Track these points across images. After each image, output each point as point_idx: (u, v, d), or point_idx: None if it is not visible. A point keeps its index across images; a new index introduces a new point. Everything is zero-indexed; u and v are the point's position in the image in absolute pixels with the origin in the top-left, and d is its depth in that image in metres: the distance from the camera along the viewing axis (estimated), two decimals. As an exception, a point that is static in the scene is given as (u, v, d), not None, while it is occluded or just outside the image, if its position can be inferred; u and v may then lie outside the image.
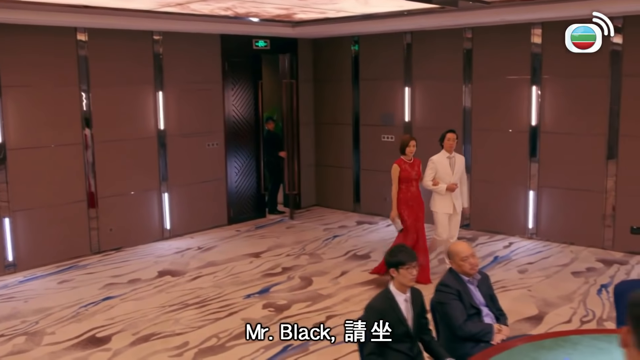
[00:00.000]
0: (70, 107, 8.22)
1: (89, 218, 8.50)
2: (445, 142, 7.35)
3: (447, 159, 7.33)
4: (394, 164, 7.31)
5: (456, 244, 4.51)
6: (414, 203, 7.28)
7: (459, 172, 7.38)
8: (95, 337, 5.96)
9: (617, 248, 8.40)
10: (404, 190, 7.27)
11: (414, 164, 7.33)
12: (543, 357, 3.63)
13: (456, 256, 4.35)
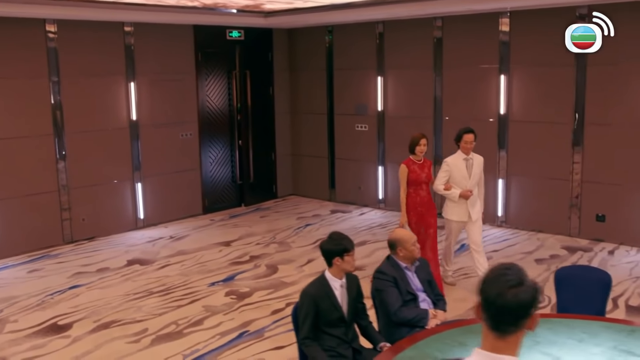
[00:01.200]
0: (40, 98, 8.28)
1: (60, 208, 8.58)
2: (462, 145, 6.47)
3: (463, 161, 6.48)
4: (402, 165, 6.52)
5: (402, 232, 4.60)
6: (423, 209, 6.50)
7: (476, 175, 6.56)
8: (57, 324, 6.06)
9: (583, 235, 8.51)
10: (413, 194, 6.49)
11: (423, 164, 6.53)
12: (470, 341, 3.71)
13: (407, 242, 4.45)
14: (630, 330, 3.87)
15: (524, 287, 1.88)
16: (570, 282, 4.81)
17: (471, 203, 6.52)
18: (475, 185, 6.57)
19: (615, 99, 8.06)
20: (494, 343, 1.91)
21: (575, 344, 3.68)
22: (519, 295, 1.86)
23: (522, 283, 1.88)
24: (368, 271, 7.39)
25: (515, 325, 1.88)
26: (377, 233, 9.02)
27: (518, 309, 1.87)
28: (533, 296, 1.88)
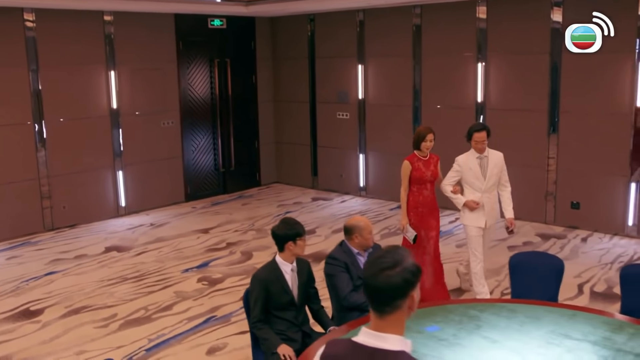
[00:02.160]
0: (19, 87, 8.35)
1: (41, 196, 8.67)
2: (472, 144, 5.80)
3: (476, 160, 5.81)
4: (405, 161, 5.88)
5: (360, 219, 4.65)
6: (425, 209, 5.93)
7: (493, 176, 5.83)
8: (29, 310, 6.16)
9: (558, 223, 8.58)
10: (415, 192, 5.91)
11: (429, 161, 5.90)
12: (412, 325, 3.79)
13: (364, 230, 4.51)
14: (572, 314, 3.95)
15: (397, 269, 1.95)
16: (523, 268, 4.89)
17: (487, 208, 5.84)
18: (494, 187, 5.88)
19: (589, 87, 8.10)
20: (376, 322, 1.99)
21: (517, 328, 3.76)
22: (390, 278, 1.94)
23: (396, 266, 1.96)
24: (341, 258, 7.48)
25: (391, 305, 1.96)
26: (356, 220, 9.07)
27: (390, 290, 1.95)
28: (405, 278, 1.95)
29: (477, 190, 5.84)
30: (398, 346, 1.97)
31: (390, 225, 8.78)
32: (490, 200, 5.88)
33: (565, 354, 3.43)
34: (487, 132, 5.79)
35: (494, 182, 5.87)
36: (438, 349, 3.49)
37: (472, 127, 5.88)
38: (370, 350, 1.97)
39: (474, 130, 5.80)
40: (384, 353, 1.96)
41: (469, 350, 3.47)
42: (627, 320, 3.89)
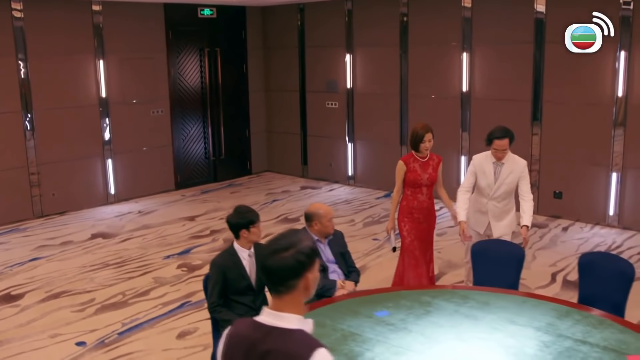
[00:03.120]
0: (7, 76, 8.45)
1: (30, 183, 8.80)
2: (491, 151, 5.24)
3: (491, 165, 5.29)
4: (400, 161, 5.43)
5: (320, 206, 4.73)
6: (420, 215, 5.41)
7: (506, 185, 5.29)
8: (10, 294, 6.30)
9: (541, 212, 8.62)
10: (409, 196, 5.40)
11: (427, 163, 5.36)
12: (364, 310, 3.90)
13: (324, 217, 4.58)
14: (522, 301, 4.03)
15: (289, 252, 2.04)
16: (485, 256, 4.97)
17: (495, 216, 5.39)
18: (505, 196, 5.36)
19: (572, 77, 8.12)
20: (274, 302, 2.09)
21: (465, 313, 3.84)
22: (283, 259, 2.03)
23: (290, 248, 2.05)
24: (321, 245, 7.57)
25: (285, 286, 2.05)
26: (340, 209, 9.17)
27: (282, 271, 2.04)
28: (298, 260, 2.04)
29: (485, 197, 5.36)
30: (295, 325, 2.05)
31: (374, 213, 8.86)
32: (498, 209, 5.36)
33: (507, 338, 3.51)
34: (510, 139, 5.17)
35: (504, 190, 5.30)
36: (384, 334, 3.58)
37: (492, 132, 5.19)
38: (267, 329, 2.06)
39: (494, 137, 5.14)
40: (280, 331, 2.05)
41: (414, 335, 3.56)
42: (576, 307, 3.96)
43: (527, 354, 3.33)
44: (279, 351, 2.02)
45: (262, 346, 2.05)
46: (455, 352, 3.38)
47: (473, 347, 3.43)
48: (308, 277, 2.07)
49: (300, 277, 2.06)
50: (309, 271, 2.08)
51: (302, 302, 2.11)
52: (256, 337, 2.08)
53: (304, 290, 2.08)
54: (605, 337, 3.49)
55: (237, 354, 2.11)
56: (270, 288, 2.08)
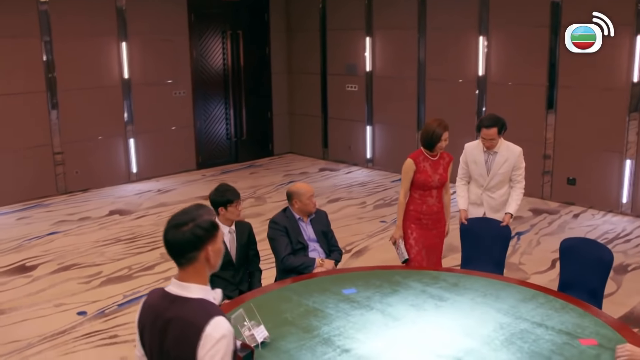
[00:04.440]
0: (33, 57, 8.77)
1: (54, 160, 9.14)
2: (480, 139, 5.12)
3: (482, 154, 5.12)
4: (408, 159, 4.85)
5: (301, 185, 4.83)
6: (429, 220, 4.92)
7: (499, 174, 5.08)
8: (24, 265, 6.63)
9: (554, 198, 8.56)
10: (417, 199, 4.89)
11: (438, 162, 4.86)
12: (333, 287, 4.01)
13: (303, 195, 4.69)
14: (491, 283, 4.07)
15: (188, 226, 2.17)
16: (473, 235, 5.02)
17: (491, 207, 5.20)
18: (501, 185, 5.14)
19: (587, 61, 7.99)
20: (179, 273, 2.24)
21: (433, 293, 3.91)
22: (179, 234, 2.17)
23: (188, 223, 2.18)
24: (328, 226, 7.69)
25: (185, 258, 2.20)
26: (354, 191, 9.27)
27: (180, 244, 2.18)
28: (195, 234, 2.17)
29: (479, 187, 5.20)
30: (197, 294, 2.20)
31: (387, 196, 8.93)
32: (494, 200, 5.17)
33: (465, 318, 3.57)
34: (500, 129, 4.99)
35: (499, 180, 5.10)
36: (345, 310, 3.69)
37: (481, 120, 5.11)
38: (172, 298, 2.22)
39: (482, 126, 5.00)
40: (182, 300, 2.20)
41: (374, 312, 3.65)
42: (543, 291, 4.00)
43: (480, 333, 3.40)
44: (179, 318, 2.16)
45: (166, 314, 2.20)
46: (409, 329, 3.46)
47: (429, 325, 3.51)
48: (208, 249, 2.20)
49: (199, 250, 2.19)
50: (209, 244, 2.21)
51: (206, 273, 2.24)
52: (162, 305, 2.23)
53: (205, 262, 2.21)
54: (563, 320, 3.53)
55: (147, 321, 2.27)
56: (174, 260, 2.22)
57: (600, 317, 3.58)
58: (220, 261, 2.31)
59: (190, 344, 2.13)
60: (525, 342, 3.30)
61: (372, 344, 3.30)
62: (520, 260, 6.58)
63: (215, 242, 2.23)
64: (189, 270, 2.21)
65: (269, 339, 3.33)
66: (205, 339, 2.11)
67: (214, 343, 2.11)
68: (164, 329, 2.21)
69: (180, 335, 2.17)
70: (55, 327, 5.24)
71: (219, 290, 2.30)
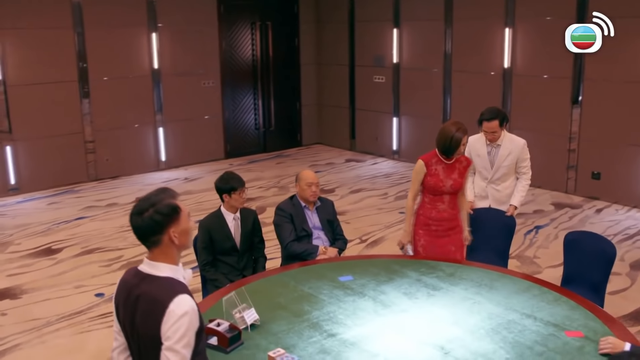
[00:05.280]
0: (65, 47, 9.05)
1: (85, 148, 9.42)
2: (483, 134, 5.08)
3: (485, 147, 5.10)
4: (419, 160, 4.55)
5: (307, 171, 4.93)
6: (439, 227, 4.57)
7: (503, 167, 5.08)
8: (50, 248, 6.89)
9: (579, 193, 8.46)
10: (427, 205, 4.59)
11: (453, 166, 4.49)
12: (331, 274, 4.10)
13: (302, 180, 4.80)
14: (487, 274, 4.10)
15: (148, 212, 2.30)
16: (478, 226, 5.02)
17: (496, 199, 5.17)
18: (505, 178, 5.13)
19: (614, 54, 7.86)
20: (149, 254, 2.38)
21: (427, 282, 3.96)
22: (140, 220, 2.31)
23: (148, 209, 2.31)
24: (347, 217, 7.78)
25: (149, 241, 2.33)
26: (378, 182, 9.32)
27: (142, 229, 2.32)
28: (154, 219, 2.30)
29: (483, 180, 5.17)
30: (166, 273, 2.33)
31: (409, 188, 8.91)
32: (499, 193, 5.14)
33: (455, 308, 3.61)
34: (501, 121, 4.94)
35: (503, 173, 5.08)
36: (338, 296, 3.77)
37: (482, 113, 5.02)
38: (143, 276, 2.36)
39: (483, 119, 4.97)
40: (151, 278, 2.34)
41: (366, 299, 3.71)
42: (539, 283, 4.01)
43: (467, 323, 3.44)
44: (147, 295, 2.30)
45: (136, 290, 2.34)
46: (398, 317, 3.52)
47: (418, 313, 3.56)
48: (170, 232, 2.32)
49: (162, 234, 2.31)
50: (171, 227, 2.32)
51: (174, 253, 2.37)
52: (134, 282, 2.36)
53: (171, 243, 2.33)
54: (553, 313, 3.54)
55: (121, 297, 2.41)
56: (141, 243, 2.35)
57: (592, 311, 3.57)
58: (191, 240, 2.44)
59: (155, 320, 2.25)
60: (511, 332, 3.33)
61: (358, 330, 3.37)
62: (535, 253, 6.55)
63: (179, 224, 2.34)
64: (156, 252, 2.33)
65: (259, 321, 3.43)
66: (168, 315, 2.23)
67: (176, 319, 2.22)
68: (134, 305, 2.34)
69: (147, 311, 2.29)
70: (73, 307, 5.46)
71: (189, 271, 2.41)
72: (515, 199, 5.14)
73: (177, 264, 2.37)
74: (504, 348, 3.18)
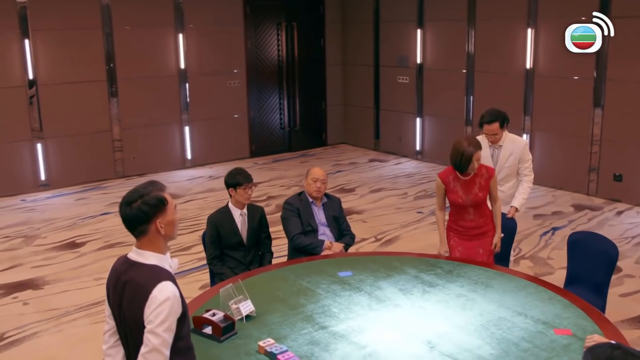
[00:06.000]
0: (94, 48, 9.32)
1: (113, 146, 9.69)
2: (485, 136, 5.12)
3: (488, 148, 5.12)
4: (437, 179, 4.58)
5: (316, 168, 5.03)
6: (468, 232, 4.58)
7: (506, 168, 5.14)
8: (74, 242, 7.13)
9: (600, 195, 8.39)
10: (455, 214, 4.61)
11: (472, 181, 4.45)
12: (331, 269, 4.20)
13: (309, 176, 4.94)
14: (484, 272, 4.14)
15: (136, 203, 2.45)
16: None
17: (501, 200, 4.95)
18: (509, 179, 5.20)
19: (636, 54, 7.78)
20: (137, 243, 2.53)
21: (424, 279, 4.02)
22: (129, 211, 2.46)
23: (137, 200, 2.45)
24: (364, 215, 7.87)
25: (136, 231, 2.48)
26: (399, 182, 9.37)
27: (129, 219, 2.48)
28: (141, 210, 2.44)
29: None
30: (151, 261, 2.47)
31: (429, 188, 8.97)
32: (502, 193, 5.09)
33: (447, 304, 3.67)
34: (501, 123, 5.02)
35: (506, 174, 5.15)
36: (335, 291, 3.86)
37: (482, 116, 5.09)
38: (131, 263, 2.51)
39: (484, 122, 5.04)
40: (138, 265, 2.48)
41: (362, 294, 3.80)
42: (536, 282, 4.04)
43: (457, 319, 3.49)
44: (133, 281, 2.44)
45: (124, 277, 2.48)
46: (391, 312, 3.60)
47: (411, 309, 3.63)
48: (157, 222, 2.45)
49: (149, 224, 2.45)
50: (157, 218, 2.46)
51: (161, 242, 2.50)
52: (122, 269, 2.51)
53: (157, 233, 2.46)
54: (545, 311, 3.57)
55: (111, 283, 2.56)
56: (129, 232, 2.48)
57: (585, 310, 3.59)
58: (176, 231, 2.57)
59: (139, 304, 2.39)
60: (500, 328, 3.38)
61: (350, 323, 3.46)
62: (549, 254, 6.54)
63: (165, 215, 2.47)
64: (143, 241, 2.48)
65: (255, 313, 3.55)
66: (151, 300, 2.37)
67: (158, 304, 2.36)
68: (122, 290, 2.48)
69: (132, 296, 2.43)
70: (91, 299, 5.66)
71: (176, 260, 2.55)
72: (516, 200, 5.17)
73: (164, 253, 2.51)
74: (490, 344, 3.23)
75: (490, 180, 4.49)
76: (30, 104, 8.96)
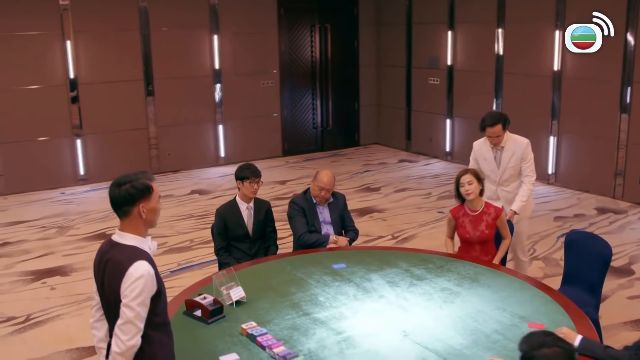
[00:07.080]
0: (132, 49, 9.73)
1: (149, 143, 10.07)
2: (487, 139, 5.22)
3: (490, 150, 5.24)
4: (449, 214, 4.77)
5: (324, 173, 5.19)
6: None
7: (509, 168, 5.20)
8: (104, 233, 7.49)
9: (626, 198, 8.30)
10: (463, 249, 4.72)
11: (479, 217, 4.59)
12: (326, 262, 4.38)
13: (316, 180, 5.11)
14: (474, 267, 4.25)
15: (125, 185, 2.71)
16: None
17: (508, 200, 5.25)
18: (513, 179, 5.26)
19: (664, 57, 7.70)
20: (120, 225, 2.79)
21: (416, 273, 4.16)
22: (115, 191, 2.73)
23: (126, 183, 2.71)
24: (385, 214, 8.01)
25: (120, 211, 2.74)
26: (425, 182, 9.46)
27: (115, 200, 2.74)
28: (128, 192, 2.70)
29: (492, 184, 5.28)
30: (131, 242, 2.73)
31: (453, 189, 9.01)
32: (509, 194, 5.25)
33: (430, 297, 3.80)
34: (503, 124, 5.08)
35: (510, 174, 5.22)
36: (326, 282, 4.04)
37: (484, 118, 5.12)
38: (113, 243, 2.77)
39: (485, 125, 5.08)
40: (119, 246, 2.75)
41: (351, 285, 3.97)
42: (523, 279, 4.13)
43: (435, 311, 3.63)
44: (113, 260, 2.70)
45: (106, 256, 2.75)
46: (374, 302, 3.75)
47: (394, 300, 3.78)
48: (140, 207, 2.71)
49: (132, 206, 2.70)
50: (142, 203, 2.72)
51: (141, 226, 2.76)
52: (105, 249, 2.78)
53: (139, 217, 2.71)
54: (526, 306, 3.66)
55: (97, 262, 2.84)
56: (114, 212, 2.76)
57: (564, 307, 3.66)
58: (157, 219, 2.80)
59: (117, 280, 2.65)
60: (476, 321, 3.50)
61: (332, 311, 3.64)
62: (562, 256, 6.51)
63: (149, 202, 2.73)
64: (126, 222, 2.74)
65: (245, 299, 3.76)
66: (127, 276, 2.62)
67: (132, 281, 2.61)
68: (104, 268, 2.74)
69: (111, 273, 2.69)
70: (113, 286, 5.98)
71: (155, 244, 2.80)
72: (515, 204, 5.21)
73: (144, 237, 2.75)
74: (462, 335, 3.36)
75: (497, 219, 4.60)
76: (72, 102, 9.41)
